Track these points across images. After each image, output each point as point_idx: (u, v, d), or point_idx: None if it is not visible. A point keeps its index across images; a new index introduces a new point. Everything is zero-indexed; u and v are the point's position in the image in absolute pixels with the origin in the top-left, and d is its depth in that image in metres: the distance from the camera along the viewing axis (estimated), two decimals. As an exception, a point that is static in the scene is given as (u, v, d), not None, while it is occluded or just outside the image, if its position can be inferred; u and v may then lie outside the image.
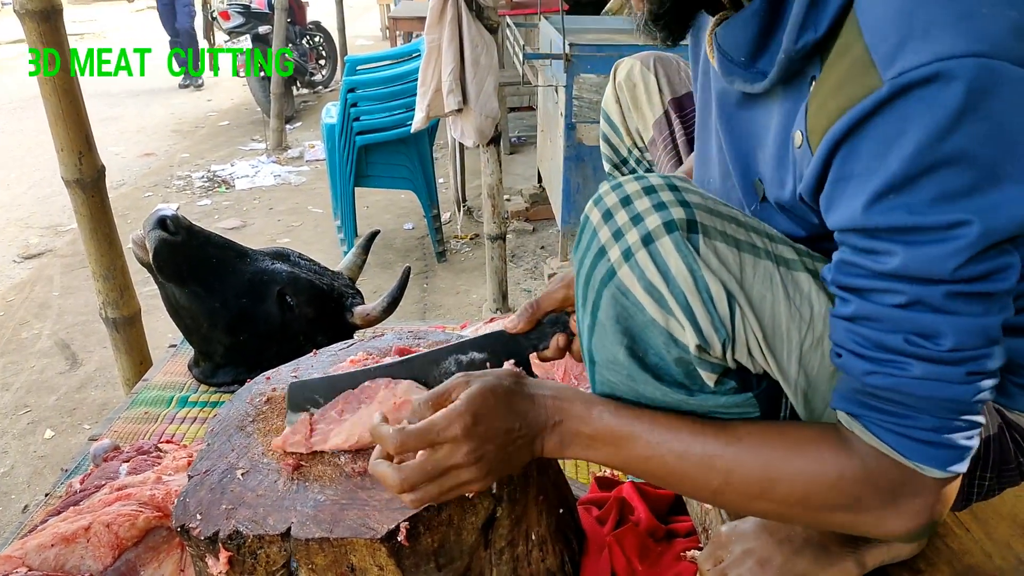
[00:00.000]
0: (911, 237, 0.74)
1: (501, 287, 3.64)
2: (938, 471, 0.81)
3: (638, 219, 0.87)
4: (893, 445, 0.81)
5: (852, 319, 0.81)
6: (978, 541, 1.29)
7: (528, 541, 1.18)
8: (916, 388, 0.78)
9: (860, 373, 0.81)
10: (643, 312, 0.86)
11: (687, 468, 0.92)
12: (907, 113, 0.70)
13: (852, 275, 0.80)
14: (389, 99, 4.34)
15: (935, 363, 0.77)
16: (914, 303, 0.76)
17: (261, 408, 1.32)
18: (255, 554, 1.05)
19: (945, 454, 0.81)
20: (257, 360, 2.01)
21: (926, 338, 0.76)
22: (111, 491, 1.39)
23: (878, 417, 0.82)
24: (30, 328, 3.97)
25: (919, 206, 0.72)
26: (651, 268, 0.85)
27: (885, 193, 0.73)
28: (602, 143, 1.78)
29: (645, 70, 1.61)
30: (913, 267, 0.74)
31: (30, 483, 2.79)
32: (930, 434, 0.80)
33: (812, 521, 0.90)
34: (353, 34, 11.28)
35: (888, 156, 0.72)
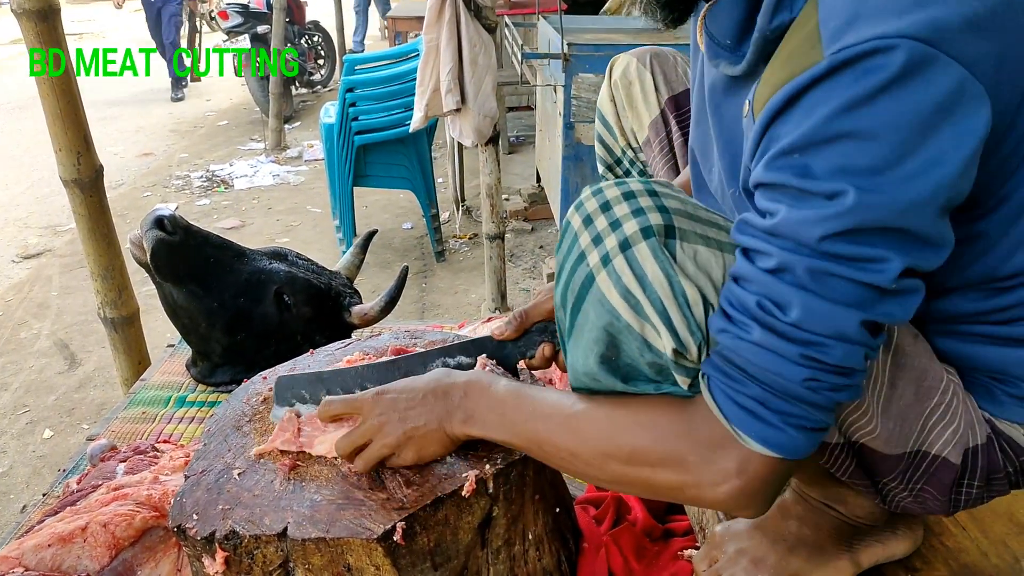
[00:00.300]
0: (796, 198, 0.75)
1: (500, 287, 3.64)
2: (754, 443, 0.81)
3: (616, 224, 0.87)
4: (720, 406, 0.83)
5: (733, 278, 0.82)
6: (974, 540, 1.30)
7: (525, 540, 1.18)
8: (750, 353, 0.79)
9: (715, 330, 0.83)
10: (619, 319, 0.87)
11: (549, 430, 0.96)
12: (835, 84, 0.72)
13: (744, 232, 0.81)
14: (388, 99, 4.34)
15: (773, 333, 0.77)
16: (780, 270, 0.76)
17: (258, 408, 1.32)
18: (252, 554, 1.05)
19: (762, 429, 0.80)
20: (255, 360, 2.01)
21: (778, 307, 0.77)
22: (108, 491, 1.39)
23: (719, 378, 0.83)
24: (29, 328, 3.97)
25: (813, 170, 0.73)
26: (628, 274, 0.85)
27: (789, 152, 0.74)
28: (596, 143, 1.77)
29: (641, 67, 1.59)
30: (787, 227, 0.75)
31: (29, 483, 2.79)
32: (754, 404, 0.80)
33: (645, 482, 0.91)
34: (351, 34, 11.27)
35: (806, 121, 0.73)
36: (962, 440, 0.95)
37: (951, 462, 0.95)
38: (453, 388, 1.05)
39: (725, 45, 0.94)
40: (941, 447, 0.95)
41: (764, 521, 1.19)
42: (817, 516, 1.16)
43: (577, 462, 0.96)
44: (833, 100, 0.71)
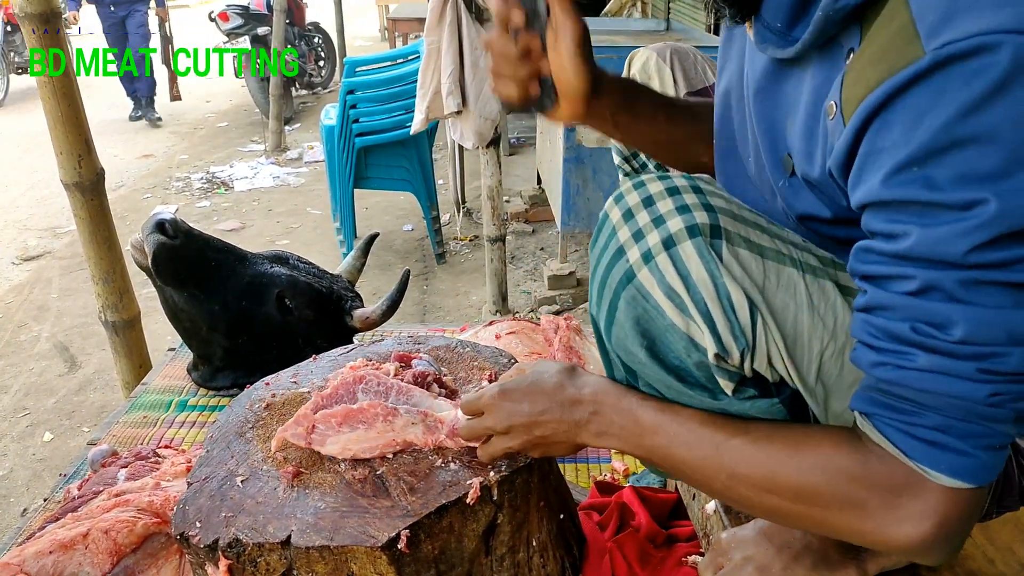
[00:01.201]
0: (927, 215, 0.70)
1: (501, 289, 3.64)
2: (944, 477, 0.76)
3: (660, 221, 0.85)
4: (897, 443, 0.78)
5: (867, 309, 0.78)
6: (980, 546, 1.29)
7: (529, 547, 1.17)
8: (921, 381, 0.74)
9: (868, 365, 0.78)
10: (663, 316, 0.85)
11: (697, 460, 0.91)
12: (944, 86, 0.68)
13: (868, 261, 0.77)
14: (388, 101, 4.33)
15: (942, 355, 0.73)
16: (926, 289, 0.72)
17: (261, 414, 1.31)
18: (255, 562, 1.05)
19: (952, 459, 0.75)
20: (256, 363, 2.01)
21: (935, 327, 0.72)
22: (109, 497, 1.39)
23: (887, 415, 0.78)
24: (29, 330, 3.96)
25: (938, 181, 0.69)
26: (671, 272, 0.84)
27: (907, 165, 0.70)
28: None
29: (661, 62, 1.58)
30: (925, 247, 0.71)
31: (29, 486, 2.79)
32: (935, 434, 0.76)
33: (816, 522, 0.87)
34: (352, 35, 11.27)
35: (918, 129, 0.69)
36: None
37: None
38: (581, 403, 1.01)
39: (776, 29, 0.90)
40: None
41: (771, 528, 1.18)
42: None
43: (730, 491, 0.92)
44: (945, 105, 0.68)
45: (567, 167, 3.72)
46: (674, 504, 1.53)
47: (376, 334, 2.36)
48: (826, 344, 0.87)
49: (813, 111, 0.86)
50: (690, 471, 0.94)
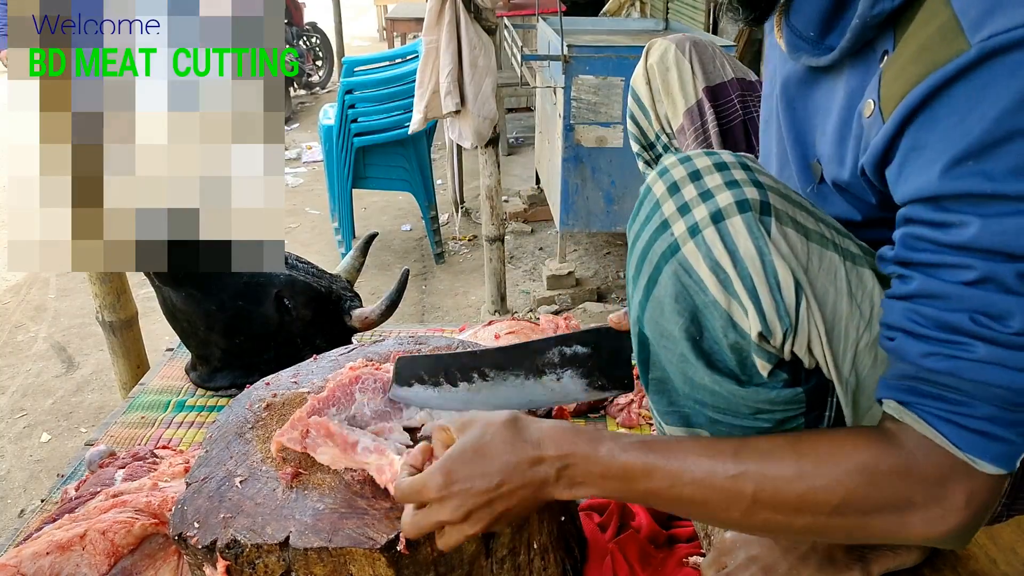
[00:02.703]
0: (988, 206, 0.70)
1: (500, 289, 3.63)
2: (990, 465, 0.76)
3: (708, 195, 0.83)
4: (947, 434, 0.77)
5: (912, 297, 0.77)
6: (983, 547, 1.28)
7: (530, 549, 1.17)
8: (977, 372, 0.74)
9: (917, 355, 0.77)
10: (705, 292, 0.83)
11: (710, 494, 0.85)
12: (993, 77, 0.67)
13: (919, 249, 0.76)
14: (387, 100, 4.33)
15: (1000, 346, 0.72)
16: (984, 280, 0.72)
17: (260, 414, 1.30)
18: (253, 563, 1.04)
19: (999, 447, 0.76)
20: (255, 364, 2.00)
21: (994, 319, 0.72)
22: (107, 498, 1.38)
23: (932, 404, 0.77)
24: (26, 331, 3.95)
25: (999, 174, 0.69)
26: (719, 247, 0.82)
27: (963, 159, 0.70)
28: (629, 122, 1.74)
29: (679, 54, 1.57)
30: (988, 239, 0.70)
31: (26, 487, 2.78)
32: (986, 424, 0.75)
33: (857, 529, 0.83)
34: (350, 35, 11.26)
35: (968, 121, 0.69)
36: None
37: None
38: (543, 460, 0.91)
39: (808, 37, 0.91)
40: None
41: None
42: None
43: (753, 519, 0.85)
44: (996, 97, 0.67)
45: (566, 167, 3.72)
46: (675, 504, 1.52)
47: (375, 334, 2.35)
48: (862, 333, 0.86)
49: (846, 116, 0.86)
50: (700, 508, 0.88)
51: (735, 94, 1.51)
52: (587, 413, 1.85)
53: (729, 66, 1.55)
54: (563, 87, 3.56)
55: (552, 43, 3.77)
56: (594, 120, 3.60)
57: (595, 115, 3.60)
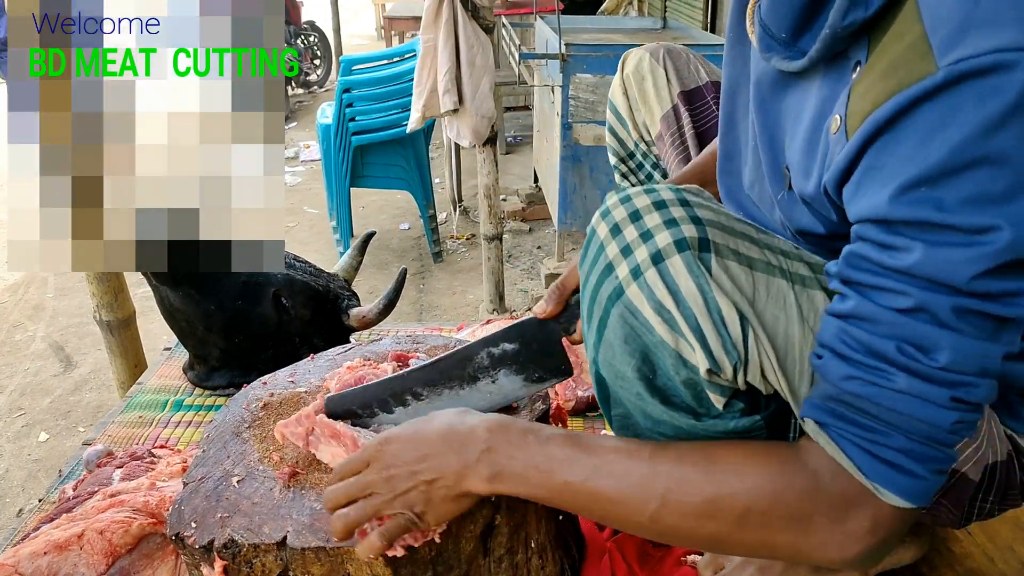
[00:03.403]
0: (935, 235, 0.69)
1: (498, 288, 3.63)
2: (895, 497, 0.75)
3: (648, 236, 0.83)
4: (855, 460, 0.76)
5: (846, 317, 0.76)
6: (980, 545, 1.29)
7: (527, 549, 1.17)
8: (895, 402, 0.73)
9: (839, 377, 0.76)
10: (652, 332, 0.82)
11: (623, 490, 0.86)
12: (958, 103, 0.66)
13: (860, 269, 0.75)
14: (385, 99, 4.32)
15: (922, 379, 0.72)
16: (918, 310, 0.71)
17: (257, 414, 1.30)
18: (251, 563, 1.04)
19: (908, 481, 0.75)
20: (253, 363, 2.00)
21: (921, 351, 0.71)
22: (104, 498, 1.38)
23: (846, 428, 0.76)
24: (24, 330, 3.95)
25: (950, 203, 0.67)
26: (661, 288, 0.81)
27: (917, 184, 0.68)
28: (608, 135, 1.75)
29: (654, 62, 1.58)
30: (929, 267, 0.69)
31: (24, 487, 2.77)
32: (897, 455, 0.74)
33: (760, 545, 0.83)
34: (348, 34, 11.25)
35: (929, 146, 0.67)
36: (983, 457, 0.92)
37: (970, 478, 0.93)
38: (472, 438, 0.92)
39: (780, 39, 0.89)
40: (961, 463, 0.92)
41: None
42: None
43: (660, 523, 0.85)
44: (959, 124, 0.66)
45: (564, 166, 3.72)
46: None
47: (373, 333, 2.35)
48: None
49: (816, 125, 0.84)
50: (611, 505, 0.87)
51: (710, 96, 1.53)
52: (585, 412, 1.85)
53: (704, 70, 1.57)
54: (561, 86, 3.56)
55: (550, 41, 3.77)
56: (592, 119, 3.60)
57: (593, 114, 3.59)
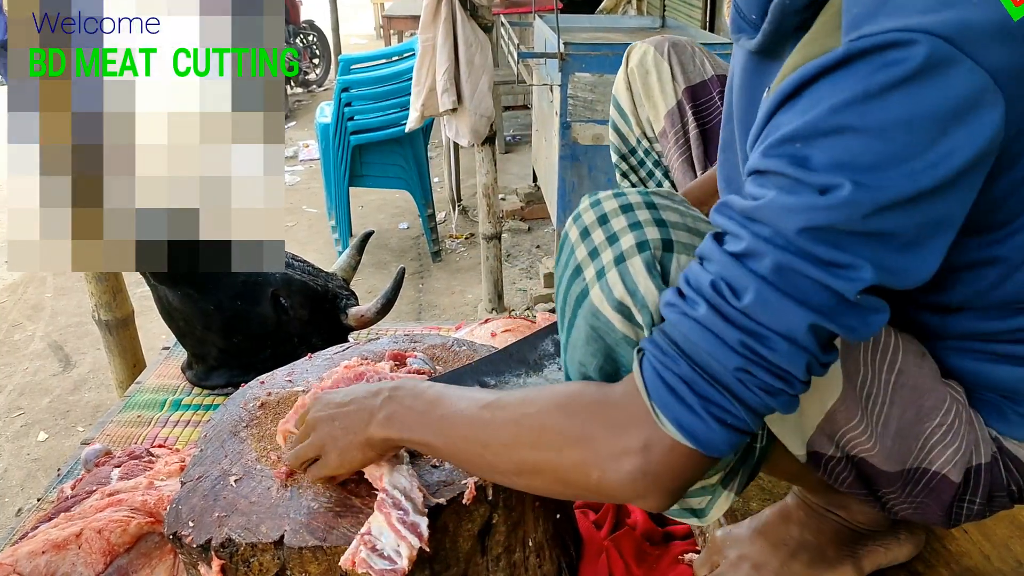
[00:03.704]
0: (786, 187, 0.71)
1: (496, 287, 3.63)
2: (669, 425, 0.76)
3: (614, 239, 0.84)
4: (645, 376, 0.78)
5: (699, 259, 0.78)
6: (976, 543, 1.29)
7: (525, 547, 1.17)
8: (690, 330, 0.75)
9: (663, 304, 0.79)
10: (614, 330, 0.84)
11: (464, 423, 0.91)
12: (849, 75, 0.68)
13: (722, 214, 0.77)
14: (383, 98, 4.32)
15: (718, 314, 0.73)
16: (745, 255, 0.73)
17: (255, 413, 1.31)
18: (248, 562, 1.04)
19: (682, 411, 0.76)
20: (251, 362, 2.00)
21: (730, 289, 0.73)
22: (103, 497, 1.38)
23: (651, 351, 0.79)
24: (23, 330, 3.95)
25: (809, 160, 0.69)
26: (620, 287, 0.82)
27: (789, 140, 0.71)
28: (611, 131, 1.74)
29: (659, 57, 1.56)
30: (768, 211, 0.71)
31: (23, 486, 2.78)
32: (678, 382, 0.76)
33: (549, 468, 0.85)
34: (347, 33, 11.25)
35: (811, 111, 0.70)
36: (964, 459, 0.92)
37: (951, 480, 0.93)
38: (381, 390, 1.00)
39: (750, 20, 0.91)
40: (942, 465, 0.92)
41: (766, 526, 1.18)
42: (819, 521, 1.15)
43: (487, 454, 0.89)
44: (844, 90, 0.68)
45: (563, 165, 3.72)
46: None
47: (372, 332, 2.35)
48: None
49: None
50: (456, 443, 0.92)
51: (716, 91, 1.52)
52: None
53: (709, 64, 1.55)
54: (560, 85, 3.56)
55: (548, 40, 3.77)
56: (591, 118, 3.60)
57: (592, 113, 3.59)
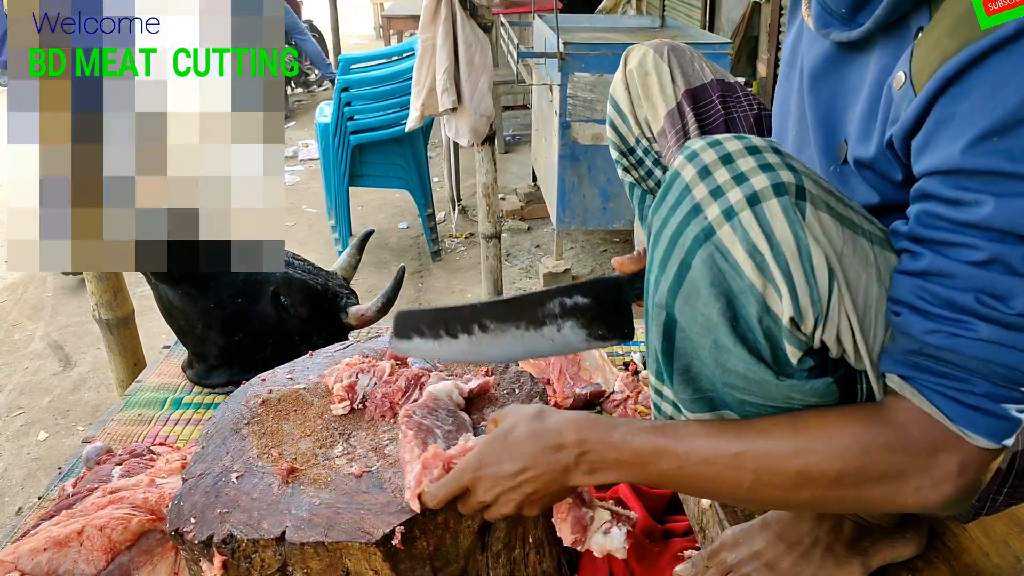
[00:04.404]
0: (1006, 185, 0.71)
1: (496, 286, 3.63)
2: (983, 439, 0.78)
3: (742, 178, 0.82)
4: (942, 408, 0.79)
5: (922, 274, 0.78)
6: (975, 539, 1.29)
7: (525, 544, 1.17)
8: (977, 350, 0.76)
9: (921, 331, 0.79)
10: (742, 276, 0.82)
11: (716, 472, 0.89)
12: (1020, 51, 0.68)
13: (932, 227, 0.77)
14: (383, 98, 4.32)
15: (1001, 326, 0.74)
16: (992, 261, 0.73)
17: (256, 410, 1.31)
18: (250, 558, 1.04)
19: (994, 423, 0.78)
20: (251, 361, 2.00)
21: (999, 300, 0.74)
22: (104, 494, 1.38)
23: (931, 379, 0.79)
24: (23, 329, 3.95)
25: (1016, 152, 0.69)
26: (756, 229, 0.81)
27: (988, 135, 0.70)
28: (608, 129, 1.74)
29: (658, 59, 1.57)
30: (1000, 219, 0.71)
31: (24, 485, 2.78)
32: (983, 400, 0.78)
33: (855, 501, 0.87)
34: (347, 33, 11.25)
35: (999, 96, 0.69)
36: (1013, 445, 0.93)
37: (1000, 468, 0.95)
38: (564, 444, 0.97)
39: (839, 14, 0.92)
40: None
41: (778, 524, 1.18)
42: (832, 518, 1.15)
43: (756, 496, 0.90)
44: None
45: (562, 164, 3.72)
46: (669, 499, 1.53)
47: (372, 331, 2.36)
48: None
49: (877, 91, 0.86)
50: (709, 486, 0.92)
51: (716, 95, 1.52)
52: (583, 409, 1.85)
53: (708, 69, 1.55)
54: (559, 84, 3.56)
55: (548, 40, 3.78)
56: (590, 117, 3.61)
57: (591, 112, 3.60)
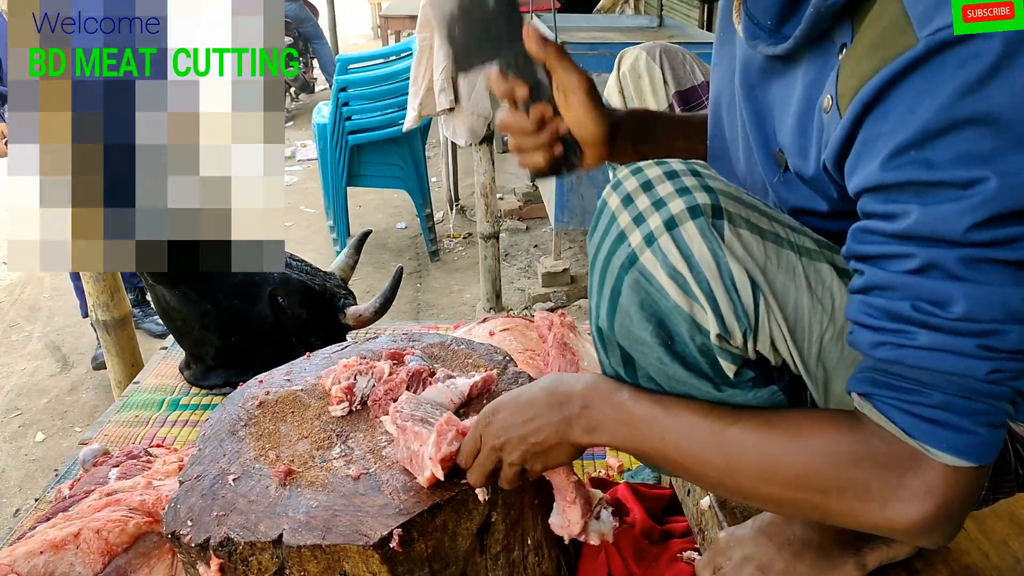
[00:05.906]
0: (927, 194, 0.71)
1: (495, 286, 3.63)
2: (946, 455, 0.75)
3: (660, 204, 0.85)
4: (897, 422, 0.77)
5: (865, 290, 0.78)
6: (975, 540, 1.29)
7: (524, 546, 1.17)
8: (921, 359, 0.74)
9: (868, 346, 0.78)
10: (667, 298, 0.84)
11: (694, 450, 0.91)
12: (939, 70, 0.69)
13: (866, 242, 0.77)
14: (381, 98, 4.32)
15: (943, 332, 0.73)
16: (926, 267, 0.73)
17: (253, 412, 1.30)
18: (246, 561, 1.04)
19: (953, 436, 0.75)
20: (249, 362, 2.00)
21: (936, 305, 0.73)
22: (101, 497, 1.38)
23: (886, 394, 0.78)
24: (20, 330, 3.94)
25: (938, 162, 0.70)
26: (674, 253, 0.83)
27: (905, 149, 0.71)
28: None
29: (651, 61, 1.58)
30: (926, 226, 0.71)
31: (21, 486, 2.77)
32: (936, 412, 0.75)
33: (817, 508, 0.85)
34: (344, 33, 11.24)
35: (915, 112, 0.70)
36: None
37: None
38: (571, 398, 0.99)
39: (765, 26, 0.92)
40: None
41: (769, 526, 1.18)
42: None
43: (726, 482, 0.91)
44: (941, 88, 0.68)
45: (560, 164, 3.71)
46: (668, 500, 1.53)
47: (370, 331, 2.35)
48: (826, 327, 0.87)
49: (806, 107, 0.87)
50: (686, 463, 0.93)
51: (704, 96, 1.53)
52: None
53: (699, 70, 1.57)
54: (557, 84, 3.55)
55: (546, 40, 3.77)
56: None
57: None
